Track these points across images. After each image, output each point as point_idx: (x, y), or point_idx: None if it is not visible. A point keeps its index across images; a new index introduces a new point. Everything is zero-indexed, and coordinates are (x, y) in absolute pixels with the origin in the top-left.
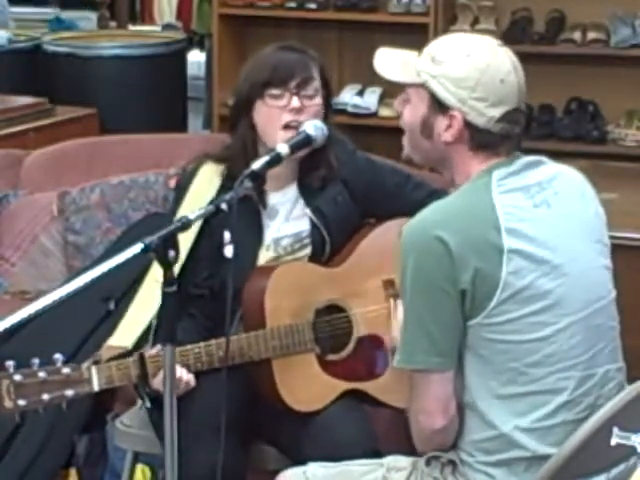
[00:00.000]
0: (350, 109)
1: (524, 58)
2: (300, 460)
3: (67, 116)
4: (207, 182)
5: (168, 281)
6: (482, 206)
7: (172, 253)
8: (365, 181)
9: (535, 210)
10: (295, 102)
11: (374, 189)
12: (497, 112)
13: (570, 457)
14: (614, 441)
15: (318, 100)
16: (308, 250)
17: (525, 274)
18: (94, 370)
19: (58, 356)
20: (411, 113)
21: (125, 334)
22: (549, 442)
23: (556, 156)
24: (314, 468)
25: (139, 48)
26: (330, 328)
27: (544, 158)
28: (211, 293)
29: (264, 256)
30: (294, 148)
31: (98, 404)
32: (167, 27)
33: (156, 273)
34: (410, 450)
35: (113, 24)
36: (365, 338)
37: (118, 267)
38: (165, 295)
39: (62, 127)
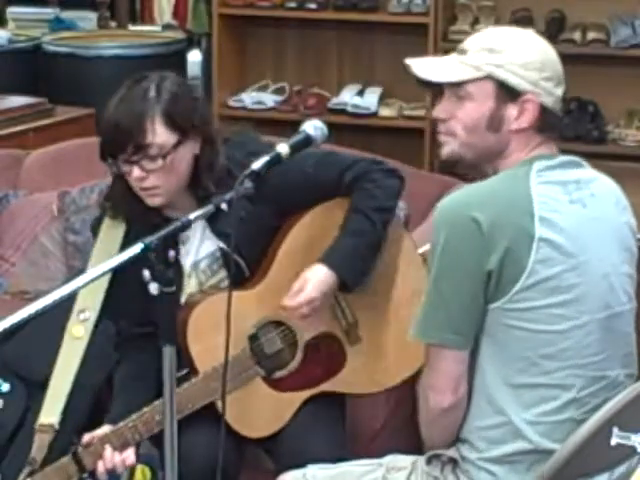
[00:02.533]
0: (350, 109)
1: None
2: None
3: (67, 116)
4: (114, 228)
5: (167, 281)
6: (519, 192)
7: (172, 253)
8: (270, 184)
9: (570, 206)
10: (136, 172)
11: (283, 190)
12: (560, 91)
13: (570, 457)
14: (614, 441)
15: (169, 159)
16: (224, 271)
17: (552, 264)
18: None
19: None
20: (474, 110)
21: (51, 408)
22: (554, 438)
23: None
24: (314, 470)
25: (139, 48)
26: (272, 345)
27: (583, 161)
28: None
29: (188, 286)
30: (294, 148)
31: (98, 404)
32: (167, 27)
33: (73, 329)
34: (408, 449)
35: (113, 24)
36: (313, 340)
37: (118, 267)
38: (165, 295)
39: (62, 127)
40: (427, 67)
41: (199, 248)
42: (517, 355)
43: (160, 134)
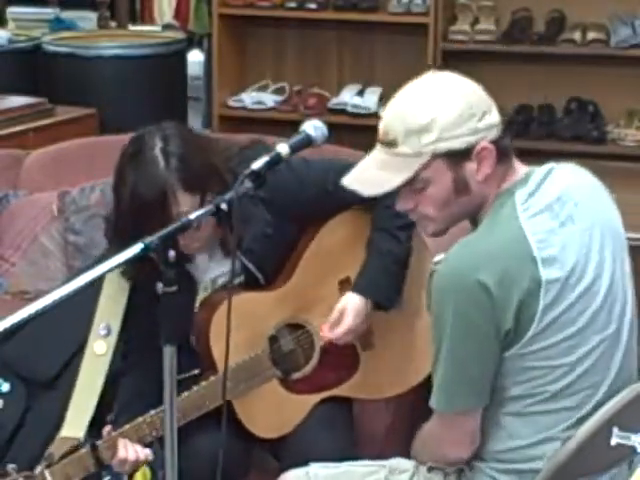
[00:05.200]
0: (350, 109)
1: (524, 58)
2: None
3: (67, 116)
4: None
5: (167, 281)
6: (514, 239)
7: (172, 253)
8: (292, 203)
9: (562, 230)
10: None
11: (305, 207)
12: (497, 115)
13: (570, 457)
14: (614, 441)
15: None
16: (243, 278)
17: (560, 302)
18: (47, 474)
19: (12, 465)
20: (438, 189)
21: (75, 423)
22: None
23: (556, 156)
24: (316, 469)
25: (139, 48)
26: (289, 348)
27: (551, 163)
28: None
29: (202, 297)
30: (294, 148)
31: (98, 404)
32: (167, 27)
33: (94, 345)
34: (409, 452)
35: (113, 24)
36: (330, 344)
37: (118, 267)
38: (165, 295)
39: (62, 127)
40: (371, 182)
41: (217, 266)
42: (536, 391)
43: (184, 203)
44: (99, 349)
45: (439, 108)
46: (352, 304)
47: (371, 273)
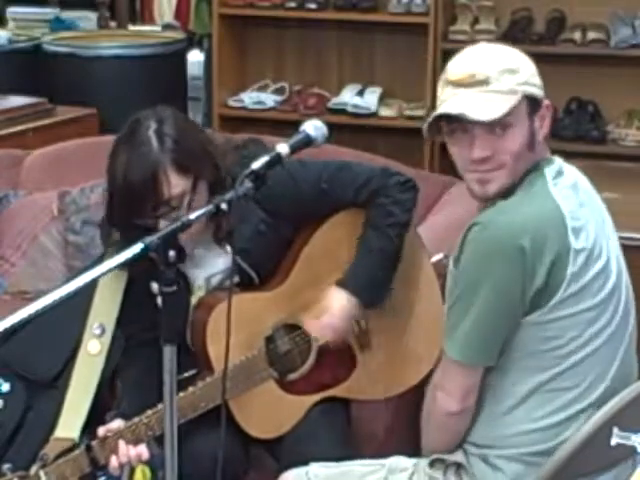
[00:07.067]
0: (350, 109)
1: None
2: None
3: (67, 116)
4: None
5: (167, 281)
6: (550, 208)
7: (172, 253)
8: (287, 201)
9: (583, 210)
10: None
11: (298, 203)
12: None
13: (570, 457)
14: (614, 441)
15: (186, 199)
16: (237, 278)
17: (585, 272)
18: (42, 474)
19: (7, 465)
20: (517, 135)
21: (69, 424)
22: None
23: (556, 156)
24: (316, 468)
25: (139, 48)
26: (286, 348)
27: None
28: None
29: (197, 296)
30: (294, 148)
31: (97, 403)
32: (167, 27)
33: (88, 345)
34: (411, 451)
35: (113, 24)
36: (327, 345)
37: (118, 267)
38: (165, 295)
39: (62, 127)
40: (480, 108)
41: (212, 265)
42: (549, 363)
43: (176, 185)
44: (93, 349)
45: (522, 58)
46: (339, 303)
47: (360, 270)
